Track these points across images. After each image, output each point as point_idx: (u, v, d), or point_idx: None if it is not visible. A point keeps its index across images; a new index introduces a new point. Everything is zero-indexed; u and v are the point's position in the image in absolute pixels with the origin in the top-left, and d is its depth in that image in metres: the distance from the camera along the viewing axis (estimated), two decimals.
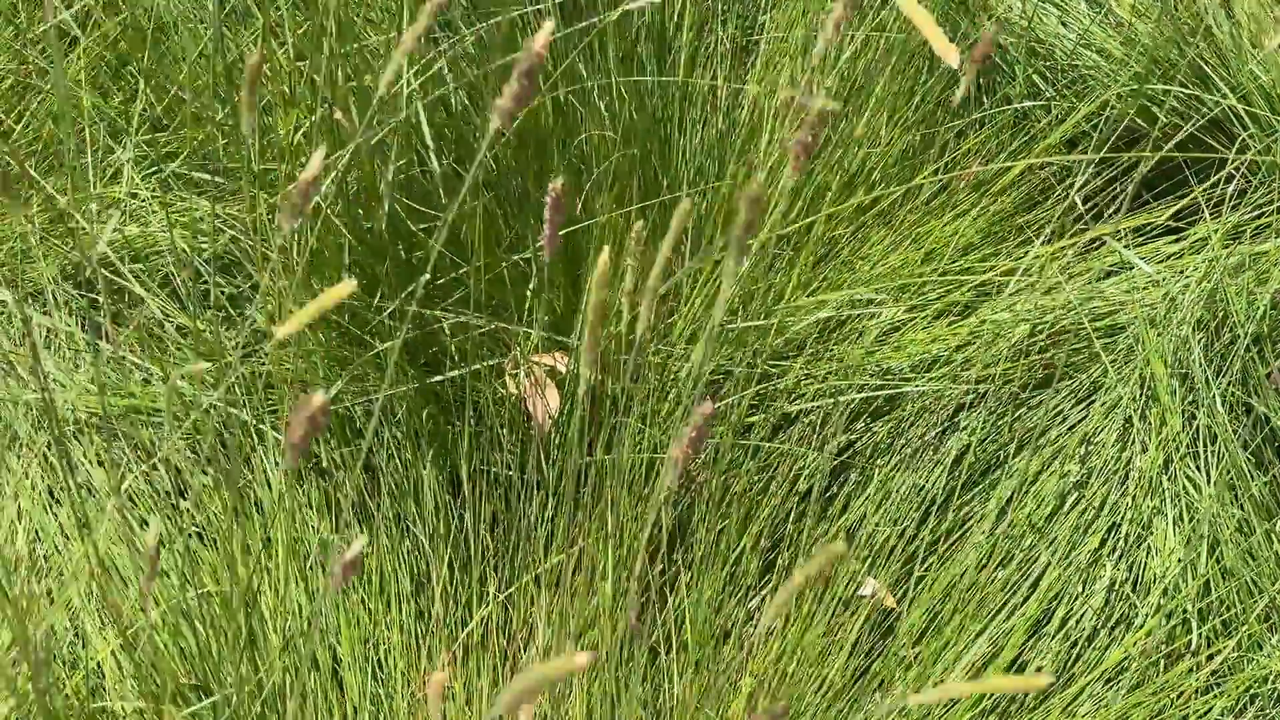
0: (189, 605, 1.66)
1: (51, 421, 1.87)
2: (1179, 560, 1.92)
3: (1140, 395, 2.06)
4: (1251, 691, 1.86)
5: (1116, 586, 1.93)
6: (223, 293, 2.16)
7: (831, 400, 2.06)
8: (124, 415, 2.03)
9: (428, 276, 1.86)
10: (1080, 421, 2.08)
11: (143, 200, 2.26)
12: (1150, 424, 2.03)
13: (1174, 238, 2.30)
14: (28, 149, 2.35)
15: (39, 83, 2.40)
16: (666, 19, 2.19)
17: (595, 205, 2.01)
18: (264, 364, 2.05)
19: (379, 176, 1.82)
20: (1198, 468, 2.00)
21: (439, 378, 1.94)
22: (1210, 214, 2.27)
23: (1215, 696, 1.84)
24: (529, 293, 2.02)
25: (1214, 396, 2.01)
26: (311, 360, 1.95)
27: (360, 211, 1.88)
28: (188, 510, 1.94)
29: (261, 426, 1.98)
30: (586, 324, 0.98)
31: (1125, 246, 2.28)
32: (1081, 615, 1.92)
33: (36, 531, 1.91)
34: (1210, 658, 1.87)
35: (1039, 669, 1.87)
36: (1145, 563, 1.94)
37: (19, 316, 2.15)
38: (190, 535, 1.91)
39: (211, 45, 2.08)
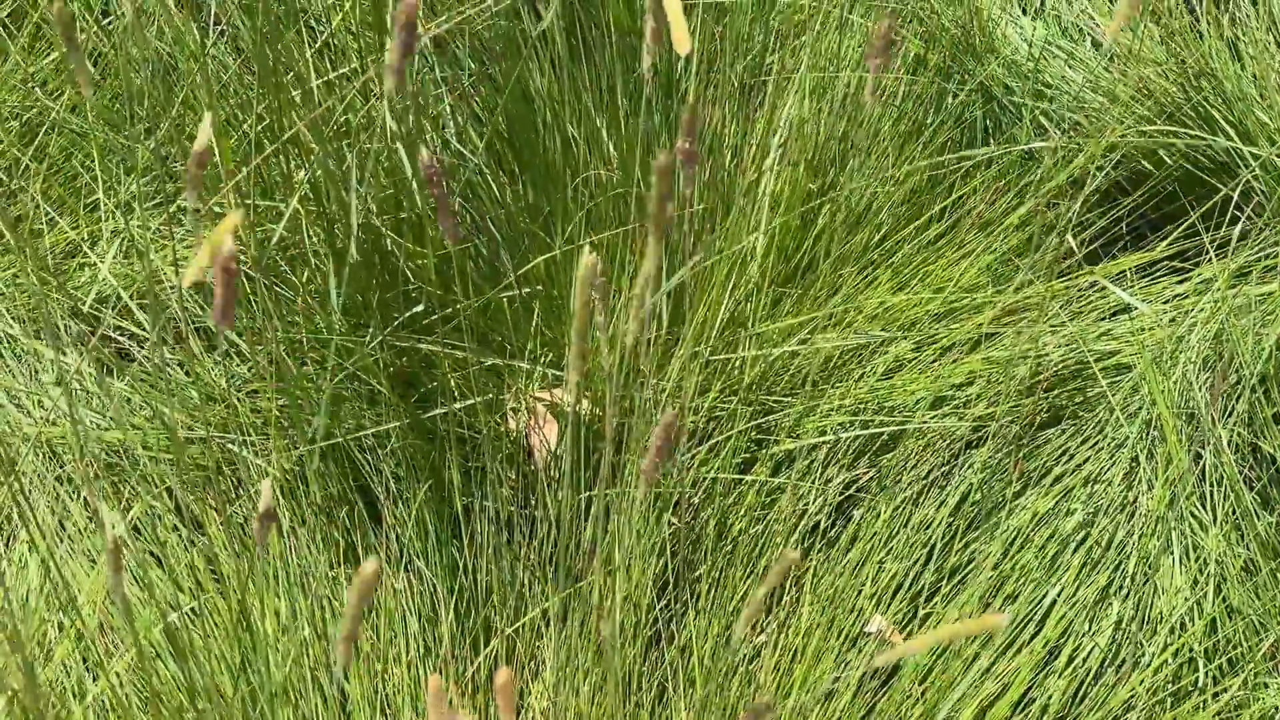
0: (183, 632, 1.66)
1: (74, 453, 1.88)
2: (1185, 599, 1.93)
3: (1147, 434, 2.06)
4: None
5: (1123, 625, 1.93)
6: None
7: (835, 437, 2.07)
8: (126, 451, 2.04)
9: (420, 308, 1.88)
10: (1087, 460, 2.09)
11: (150, 235, 2.27)
12: (1157, 463, 2.03)
13: (1179, 278, 2.31)
14: (41, 185, 2.37)
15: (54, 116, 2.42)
16: (674, 59, 2.20)
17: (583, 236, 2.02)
18: (253, 394, 2.06)
19: (348, 203, 1.83)
20: (1204, 507, 2.00)
21: (432, 412, 1.94)
22: (1216, 255, 2.28)
23: None
24: (531, 329, 2.03)
25: (1220, 436, 2.02)
26: (300, 394, 1.96)
27: (339, 240, 1.89)
28: (189, 540, 1.94)
29: (259, 461, 1.99)
30: (570, 347, 0.99)
31: (1129, 287, 2.29)
32: (1089, 653, 1.91)
33: (46, 564, 1.91)
34: (1217, 696, 1.87)
35: (1044, 708, 1.87)
36: (1152, 601, 1.94)
37: (30, 352, 2.16)
38: (194, 567, 1.92)
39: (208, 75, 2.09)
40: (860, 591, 1.94)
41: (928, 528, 2.00)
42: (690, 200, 1.89)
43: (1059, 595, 1.94)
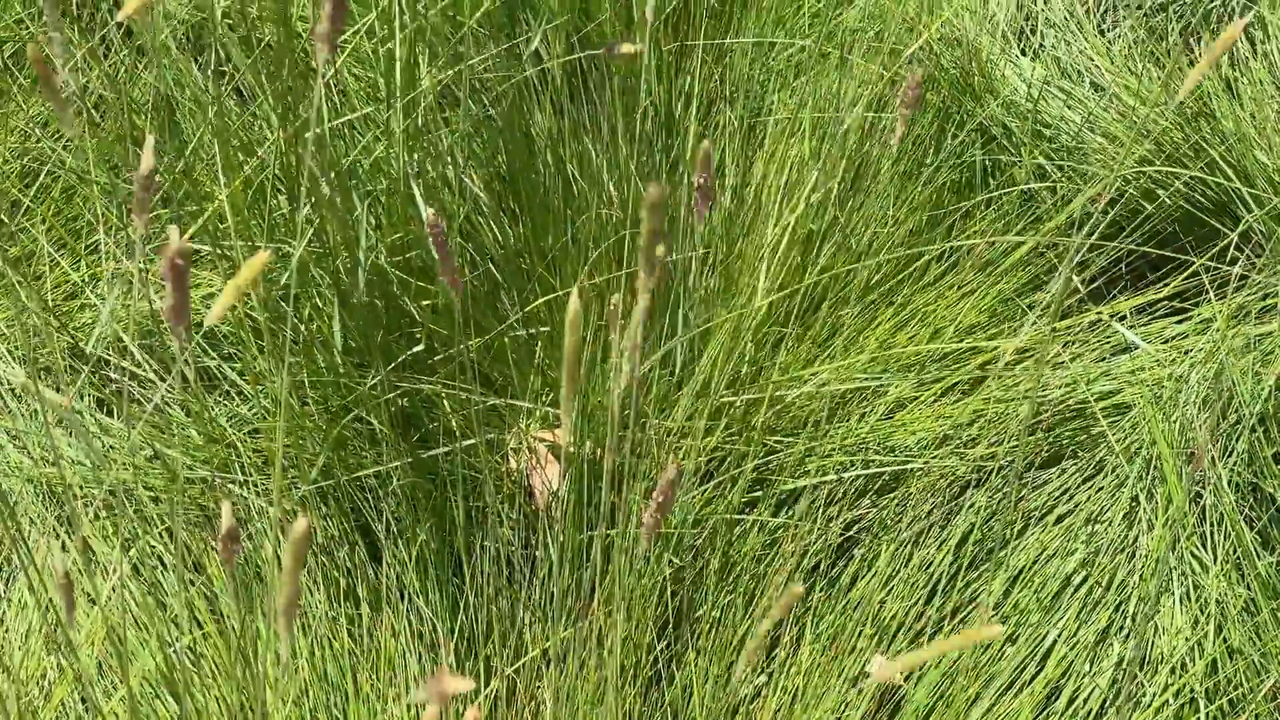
0: (181, 671, 1.66)
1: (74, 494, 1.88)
2: (1186, 639, 1.92)
3: (1147, 474, 2.06)
4: None
5: (1124, 665, 1.93)
6: (222, 369, 2.18)
7: (837, 477, 2.07)
8: (129, 491, 2.04)
9: (421, 348, 1.88)
10: (1087, 500, 2.09)
11: (152, 276, 2.28)
12: (1157, 503, 2.03)
13: (1178, 318, 2.31)
14: (43, 227, 2.37)
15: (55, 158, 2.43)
16: (674, 98, 2.21)
17: (577, 274, 2.02)
18: (255, 434, 2.06)
19: (354, 244, 1.84)
20: (1205, 547, 2.00)
21: (434, 452, 1.94)
22: (1215, 294, 2.29)
23: None
24: (533, 367, 2.04)
25: (1220, 476, 2.02)
26: (302, 436, 1.96)
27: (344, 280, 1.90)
28: (190, 581, 1.94)
29: (261, 501, 1.99)
30: (563, 380, 0.99)
31: (1129, 327, 2.29)
32: (1090, 694, 1.91)
33: (48, 605, 1.91)
34: None
35: None
36: (1153, 641, 1.94)
37: (31, 394, 2.16)
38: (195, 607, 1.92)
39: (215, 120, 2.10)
40: (861, 631, 1.93)
41: (929, 567, 2.00)
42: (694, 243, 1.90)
43: (1060, 635, 1.94)
